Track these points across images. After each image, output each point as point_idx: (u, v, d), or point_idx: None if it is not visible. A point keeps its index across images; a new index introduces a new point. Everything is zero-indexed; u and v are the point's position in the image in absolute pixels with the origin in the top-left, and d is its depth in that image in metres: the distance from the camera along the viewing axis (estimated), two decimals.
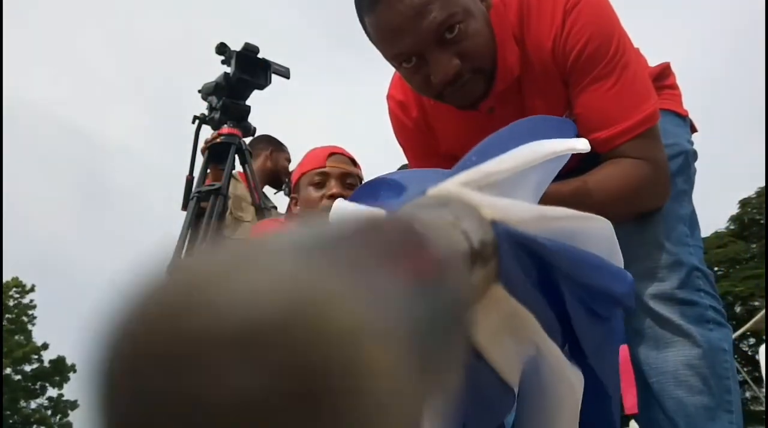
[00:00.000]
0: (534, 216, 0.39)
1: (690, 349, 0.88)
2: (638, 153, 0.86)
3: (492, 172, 0.42)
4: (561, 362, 0.47)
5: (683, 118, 1.06)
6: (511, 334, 0.44)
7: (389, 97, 1.08)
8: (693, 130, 1.09)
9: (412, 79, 0.89)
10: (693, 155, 1.03)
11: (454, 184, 0.39)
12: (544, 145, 0.50)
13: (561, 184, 0.84)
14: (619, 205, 0.86)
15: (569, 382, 0.48)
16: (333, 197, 1.35)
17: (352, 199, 0.61)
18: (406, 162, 1.17)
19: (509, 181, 0.44)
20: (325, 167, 1.39)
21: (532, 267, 0.41)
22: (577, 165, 1.02)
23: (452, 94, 0.88)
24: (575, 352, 0.53)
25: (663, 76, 1.08)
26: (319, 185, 1.38)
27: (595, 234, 0.49)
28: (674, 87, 1.09)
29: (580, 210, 0.92)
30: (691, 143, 1.04)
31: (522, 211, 0.38)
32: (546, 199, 0.81)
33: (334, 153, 1.43)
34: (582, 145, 0.56)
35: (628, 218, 0.93)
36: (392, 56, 0.86)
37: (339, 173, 1.39)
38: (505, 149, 0.47)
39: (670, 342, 0.89)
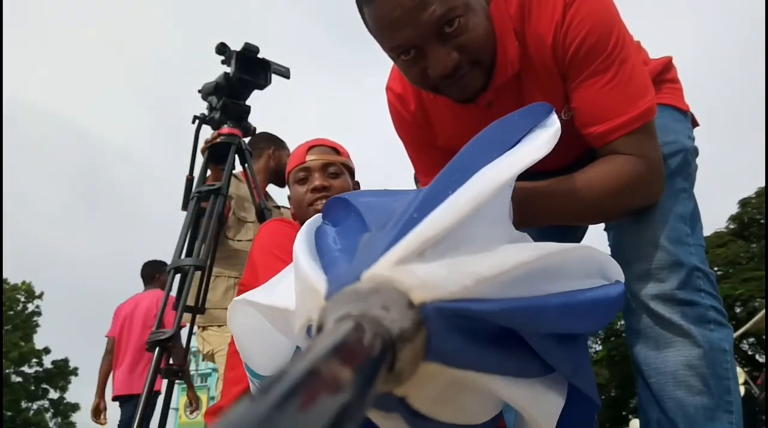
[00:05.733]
0: (471, 282, 0.39)
1: (690, 349, 0.88)
2: (632, 149, 0.86)
3: (429, 237, 0.41)
4: (524, 399, 0.47)
5: (684, 113, 1.05)
6: (463, 392, 0.45)
7: (388, 89, 1.08)
8: (694, 124, 1.08)
9: (409, 71, 0.88)
10: (693, 152, 1.02)
11: (389, 265, 0.39)
12: (483, 186, 0.46)
13: (553, 181, 0.83)
14: (611, 201, 0.86)
15: (534, 419, 0.49)
16: (315, 190, 1.37)
17: (325, 215, 0.60)
18: (407, 161, 1.17)
19: (456, 231, 0.43)
20: (305, 162, 1.41)
21: (483, 323, 0.42)
22: (575, 161, 1.02)
23: (449, 87, 0.87)
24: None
25: (665, 70, 1.07)
26: (303, 181, 1.40)
27: (570, 263, 0.48)
28: (676, 81, 1.08)
29: (574, 206, 0.91)
30: (692, 139, 1.04)
31: (458, 281, 0.39)
32: (538, 197, 0.82)
33: (314, 146, 1.44)
34: (527, 153, 0.52)
35: (622, 214, 0.92)
36: (390, 48, 0.86)
37: (320, 165, 1.40)
38: (446, 191, 0.45)
39: (670, 342, 0.89)
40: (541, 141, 0.54)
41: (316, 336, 0.32)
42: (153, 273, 3.96)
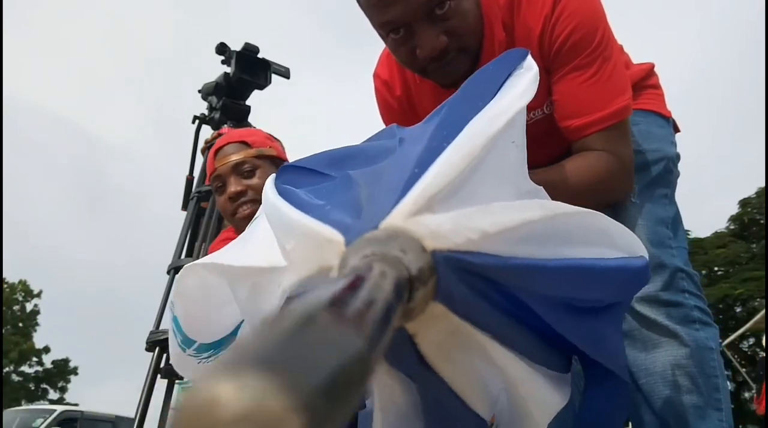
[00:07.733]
0: (476, 236, 0.41)
1: (677, 349, 0.89)
2: (605, 145, 0.88)
3: (434, 192, 0.43)
4: (520, 380, 0.48)
5: (666, 119, 1.07)
6: (461, 350, 0.46)
7: (375, 76, 1.10)
8: (676, 130, 1.10)
9: (398, 50, 0.89)
10: (675, 159, 1.04)
11: (402, 216, 0.42)
12: (475, 140, 0.47)
13: (531, 173, 0.85)
14: (583, 195, 0.87)
15: (525, 403, 0.50)
16: (231, 199, 1.27)
17: (280, 179, 0.58)
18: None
19: (461, 187, 0.45)
20: (215, 169, 1.30)
21: (489, 288, 0.43)
22: (553, 160, 1.03)
23: (436, 71, 0.89)
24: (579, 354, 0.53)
25: (647, 76, 1.10)
26: (221, 189, 1.30)
27: (586, 231, 0.48)
28: (657, 87, 1.11)
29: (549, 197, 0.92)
30: (675, 145, 1.06)
31: (463, 234, 0.41)
32: None
33: (220, 147, 1.32)
34: (513, 101, 0.51)
35: (592, 209, 0.94)
36: (380, 24, 0.87)
37: (229, 169, 1.28)
38: (441, 147, 0.46)
39: (657, 343, 0.90)
40: (521, 87, 0.54)
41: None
42: None
